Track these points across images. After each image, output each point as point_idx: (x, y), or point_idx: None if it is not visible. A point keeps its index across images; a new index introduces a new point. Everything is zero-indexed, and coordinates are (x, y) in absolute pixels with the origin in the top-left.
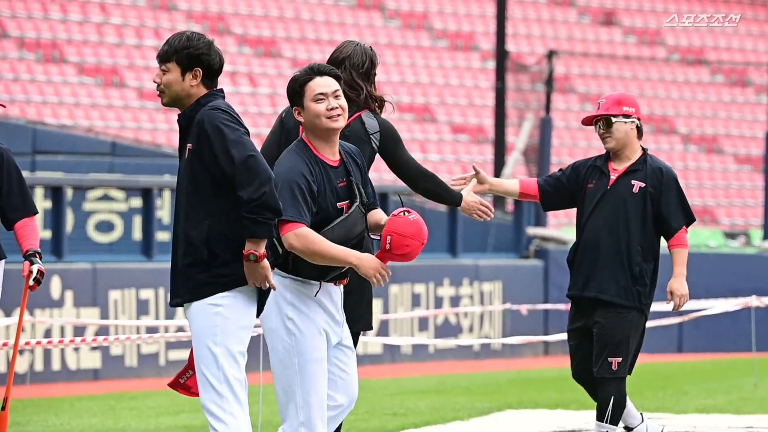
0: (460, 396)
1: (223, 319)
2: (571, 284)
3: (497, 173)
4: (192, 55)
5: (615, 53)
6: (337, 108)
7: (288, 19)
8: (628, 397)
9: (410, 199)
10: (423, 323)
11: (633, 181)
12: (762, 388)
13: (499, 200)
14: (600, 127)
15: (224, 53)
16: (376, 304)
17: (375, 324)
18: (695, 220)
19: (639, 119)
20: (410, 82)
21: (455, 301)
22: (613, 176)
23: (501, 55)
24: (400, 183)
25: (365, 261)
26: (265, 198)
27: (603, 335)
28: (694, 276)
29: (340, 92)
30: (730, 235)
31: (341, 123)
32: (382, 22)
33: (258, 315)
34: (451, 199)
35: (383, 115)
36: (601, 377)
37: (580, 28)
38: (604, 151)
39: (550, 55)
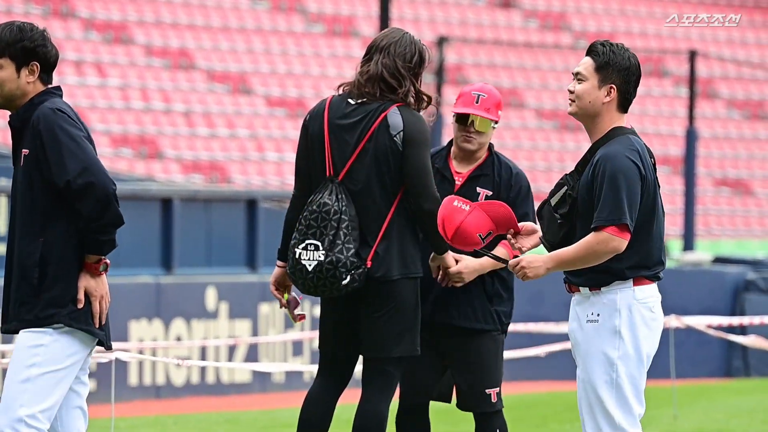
0: (340, 430)
1: (41, 358)
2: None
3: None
4: (27, 48)
5: (514, 39)
6: None
7: None
8: None
9: (281, 206)
10: (297, 347)
11: (479, 189)
12: (683, 419)
13: None
14: (471, 125)
15: (69, 39)
16: (243, 326)
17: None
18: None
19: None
20: (281, 73)
21: None
22: (458, 181)
23: None
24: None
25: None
26: (106, 215)
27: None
28: None
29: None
30: None
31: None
32: (249, 3)
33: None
34: (438, 246)
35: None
36: (482, 412)
37: (474, 12)
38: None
39: (441, 42)
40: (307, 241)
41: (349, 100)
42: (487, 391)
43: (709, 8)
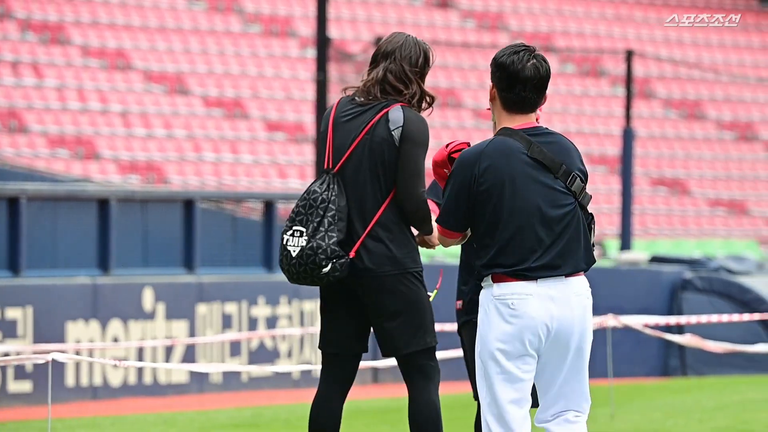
0: (278, 430)
1: None
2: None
3: (318, 176)
4: None
5: (451, 40)
6: None
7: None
8: None
9: (218, 206)
10: (235, 348)
11: None
12: (620, 419)
13: None
14: None
15: (5, 40)
16: (180, 326)
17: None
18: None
19: None
20: (218, 73)
21: (272, 322)
22: None
23: (322, 42)
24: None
25: None
26: None
27: None
28: None
29: None
30: None
31: None
32: (186, 4)
33: None
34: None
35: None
36: None
37: (411, 12)
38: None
39: (378, 41)
40: (294, 228)
41: (355, 99)
42: None
43: (646, 8)
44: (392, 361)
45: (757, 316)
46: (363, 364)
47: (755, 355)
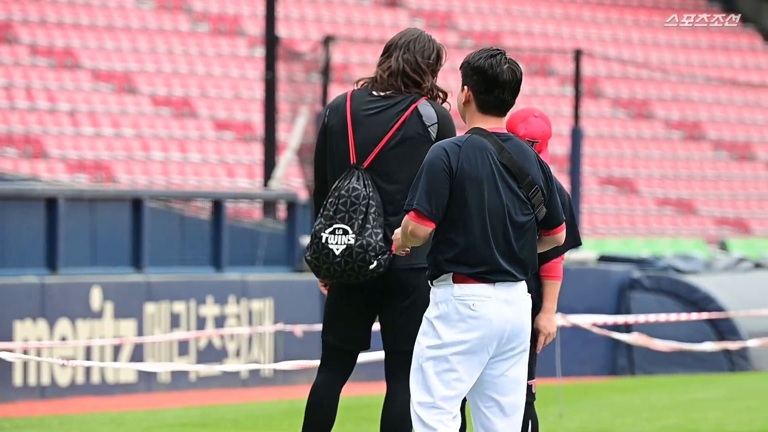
0: (226, 430)
1: None
2: None
3: (267, 175)
4: None
5: None
6: None
7: None
8: None
9: (166, 205)
10: (183, 347)
11: None
12: (569, 418)
13: (268, 206)
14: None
15: None
16: (128, 325)
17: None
18: (581, 244)
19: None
20: (167, 72)
21: (220, 321)
22: None
23: (271, 41)
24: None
25: None
26: None
27: None
28: None
29: None
30: None
31: None
32: (134, 3)
33: None
34: None
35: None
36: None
37: (360, 11)
38: None
39: (327, 41)
40: (335, 226)
41: (373, 93)
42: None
43: (594, 8)
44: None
45: (704, 315)
46: (311, 363)
47: (703, 353)
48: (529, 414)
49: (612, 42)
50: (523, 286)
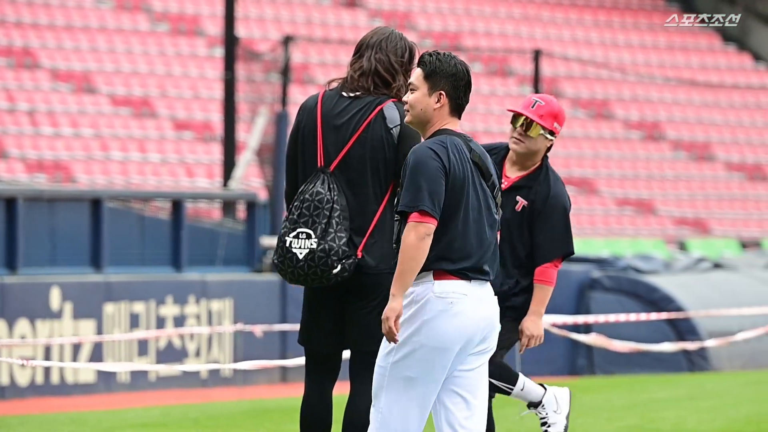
0: (187, 430)
1: None
2: None
3: (227, 175)
4: None
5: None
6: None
7: None
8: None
9: (126, 205)
10: (143, 347)
11: (518, 197)
12: (528, 418)
13: (228, 206)
14: (521, 126)
15: None
16: (88, 325)
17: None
18: (573, 253)
19: (556, 138)
20: (126, 72)
21: (180, 321)
22: (504, 185)
23: (230, 41)
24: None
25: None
26: None
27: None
28: None
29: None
30: None
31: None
32: (94, 2)
33: None
34: None
35: None
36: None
37: (319, 11)
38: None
39: (286, 41)
40: (299, 230)
41: (343, 94)
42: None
43: (554, 8)
44: (302, 360)
45: (664, 315)
46: (271, 363)
47: (662, 354)
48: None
49: (571, 42)
50: (490, 285)
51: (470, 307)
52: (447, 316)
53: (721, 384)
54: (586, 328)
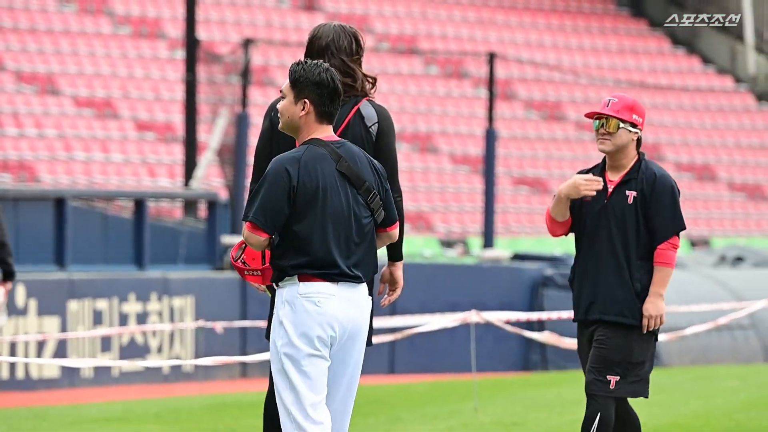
0: (149, 424)
1: None
2: (575, 308)
3: (188, 175)
4: None
5: None
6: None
7: None
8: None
9: (89, 204)
10: (106, 343)
11: (627, 192)
12: (483, 412)
13: (189, 205)
14: (602, 125)
15: None
16: (52, 322)
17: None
18: (684, 228)
19: (641, 130)
20: (89, 74)
21: (142, 318)
22: (610, 187)
23: (191, 43)
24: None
25: None
26: None
27: (602, 351)
28: (407, 289)
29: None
30: (447, 244)
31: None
32: (57, 5)
33: None
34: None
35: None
36: (591, 393)
37: (279, 14)
38: None
39: (246, 43)
40: None
41: None
42: (607, 377)
43: (508, 12)
44: (261, 356)
45: None
46: (231, 358)
47: None
48: (601, 408)
49: (525, 45)
50: (364, 288)
51: (337, 306)
52: (314, 314)
53: (671, 379)
54: (539, 325)
